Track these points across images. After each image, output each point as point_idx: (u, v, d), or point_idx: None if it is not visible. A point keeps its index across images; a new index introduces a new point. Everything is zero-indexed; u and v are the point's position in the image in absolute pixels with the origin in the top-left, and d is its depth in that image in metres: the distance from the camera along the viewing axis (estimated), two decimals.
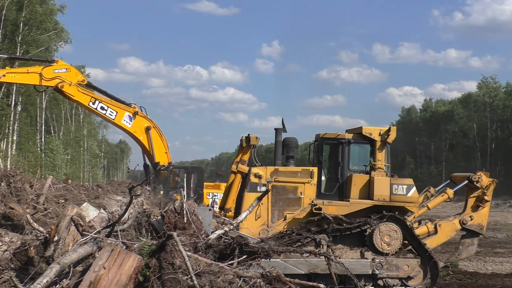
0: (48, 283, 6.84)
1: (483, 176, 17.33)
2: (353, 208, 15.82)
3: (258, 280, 8.07)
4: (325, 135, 17.25)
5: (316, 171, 16.65)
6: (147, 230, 10.30)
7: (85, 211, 10.41)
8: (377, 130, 16.74)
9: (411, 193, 16.00)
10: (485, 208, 17.28)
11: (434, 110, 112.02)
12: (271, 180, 16.18)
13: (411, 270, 14.73)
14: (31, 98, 65.31)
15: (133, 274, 6.84)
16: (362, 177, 16.30)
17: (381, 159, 16.50)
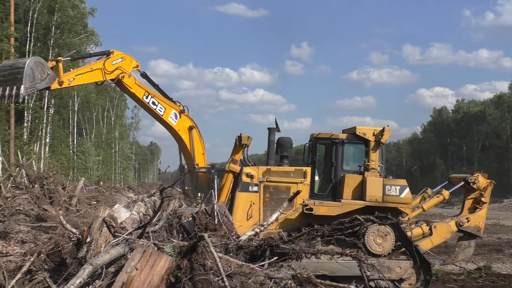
0: (81, 283, 6.90)
1: (480, 177, 17.04)
2: (344, 208, 15.55)
3: (289, 281, 8.04)
4: (319, 135, 17.04)
5: (309, 171, 16.44)
6: (178, 231, 10.33)
7: (117, 212, 10.52)
8: (371, 130, 16.50)
9: (404, 194, 15.71)
10: (483, 210, 16.96)
11: (466, 111, 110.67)
12: (263, 180, 15.98)
13: (403, 272, 14.39)
14: (63, 101, 66.14)
15: (165, 275, 6.87)
16: (355, 178, 16.06)
17: (375, 160, 16.27)
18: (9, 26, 45.56)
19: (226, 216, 9.82)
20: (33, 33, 51.97)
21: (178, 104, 20.47)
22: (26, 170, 26.75)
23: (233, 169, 16.34)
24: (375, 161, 16.24)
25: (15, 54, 47.38)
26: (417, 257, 14.46)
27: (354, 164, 16.71)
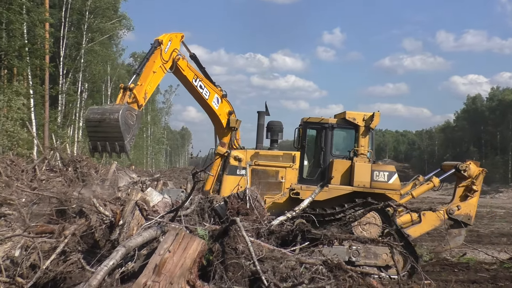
0: (114, 265, 6.96)
1: (472, 165, 16.80)
2: (332, 193, 15.37)
3: (320, 267, 8.02)
4: (309, 119, 16.90)
5: (298, 155, 16.38)
6: (210, 215, 10.37)
7: (149, 196, 10.56)
8: (361, 115, 16.35)
9: (393, 180, 15.59)
10: (474, 198, 16.81)
11: (501, 99, 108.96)
12: (251, 164, 16.01)
13: (390, 259, 14.16)
14: (97, 85, 66.69)
15: (197, 258, 6.90)
16: (343, 163, 15.90)
17: (364, 145, 16.12)
18: (44, 12, 45.93)
19: (258, 201, 9.82)
20: (67, 18, 52.42)
21: (219, 89, 20.50)
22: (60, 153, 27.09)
23: (221, 151, 16.36)
24: (365, 146, 16.11)
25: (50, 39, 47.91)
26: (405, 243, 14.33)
27: (343, 149, 16.60)
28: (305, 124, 16.78)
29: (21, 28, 42.38)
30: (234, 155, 15.90)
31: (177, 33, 19.05)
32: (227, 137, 17.24)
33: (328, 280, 7.80)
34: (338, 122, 16.39)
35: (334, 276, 8.03)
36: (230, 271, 7.40)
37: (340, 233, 9.64)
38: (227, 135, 17.41)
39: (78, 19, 54.29)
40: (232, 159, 15.84)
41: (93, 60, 57.19)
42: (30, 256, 8.71)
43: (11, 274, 8.25)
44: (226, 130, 17.50)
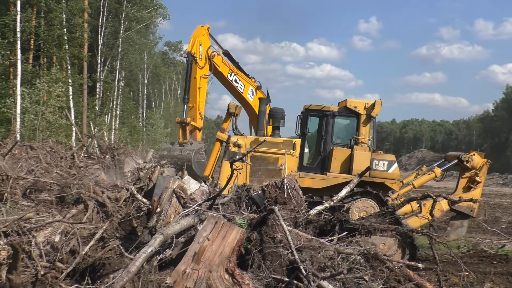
0: (152, 252, 6.98)
1: (475, 156, 16.50)
2: (330, 182, 15.44)
3: (358, 257, 7.96)
4: (311, 107, 16.88)
5: (298, 143, 16.39)
6: (247, 204, 10.36)
7: (187, 184, 10.60)
8: (362, 103, 16.24)
9: (392, 170, 15.54)
10: (477, 190, 16.56)
11: None
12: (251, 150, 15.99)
13: (387, 249, 13.97)
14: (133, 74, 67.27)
15: (236, 247, 6.88)
16: (343, 151, 15.91)
17: (365, 133, 16.07)
18: (83, 1, 46.41)
19: (295, 190, 9.77)
20: (105, 7, 52.90)
21: (253, 80, 20.51)
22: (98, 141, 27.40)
23: (220, 137, 16.38)
24: (365, 135, 16.07)
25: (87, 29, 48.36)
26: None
27: (344, 137, 16.59)
28: (307, 111, 16.82)
29: (60, 17, 42.86)
30: (233, 141, 15.92)
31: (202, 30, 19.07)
32: (227, 122, 17.24)
33: (366, 271, 7.72)
34: (339, 110, 16.43)
35: (370, 266, 7.96)
36: (268, 260, 7.38)
37: (378, 223, 9.53)
38: (227, 121, 17.43)
39: (116, 8, 54.74)
40: (231, 145, 15.84)
41: (130, 49, 57.72)
42: (69, 242, 8.81)
43: (51, 259, 8.35)
44: (227, 116, 17.41)
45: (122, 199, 12.30)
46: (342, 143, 16.41)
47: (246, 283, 6.70)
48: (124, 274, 6.49)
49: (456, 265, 12.45)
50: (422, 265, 13.19)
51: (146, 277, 6.87)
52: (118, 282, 6.39)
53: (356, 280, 7.53)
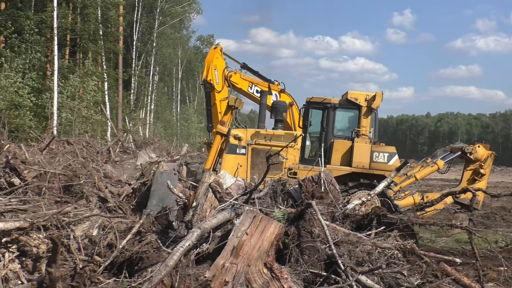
0: (189, 246, 6.99)
1: (480, 148, 16.22)
2: None
3: (396, 251, 7.89)
4: (312, 99, 16.84)
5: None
6: (283, 198, 10.34)
7: (223, 178, 10.61)
8: (363, 95, 16.14)
9: (393, 162, 15.41)
10: (482, 182, 16.42)
11: None
12: (251, 143, 15.99)
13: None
14: (167, 69, 67.65)
15: (275, 241, 6.87)
16: (344, 143, 15.84)
17: (366, 126, 15.98)
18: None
19: (332, 184, 9.71)
20: (140, 2, 53.28)
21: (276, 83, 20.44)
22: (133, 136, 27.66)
23: (220, 130, 16.33)
24: (366, 127, 15.99)
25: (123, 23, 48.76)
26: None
27: (345, 130, 16.62)
28: (308, 104, 16.82)
29: (95, 12, 43.28)
30: (234, 134, 15.94)
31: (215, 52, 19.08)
32: (227, 115, 17.19)
33: (404, 265, 7.65)
34: (340, 102, 16.41)
35: (407, 261, 7.88)
36: (306, 254, 7.35)
37: (417, 217, 9.42)
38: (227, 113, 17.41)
39: (150, 3, 55.11)
40: (232, 137, 15.89)
41: (164, 44, 58.08)
42: (107, 236, 8.89)
43: (89, 253, 8.43)
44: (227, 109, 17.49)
45: (123, 194, 12.42)
46: (343, 136, 16.40)
47: (285, 277, 6.67)
48: (162, 268, 6.51)
49: (494, 260, 12.27)
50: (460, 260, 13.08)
51: (184, 271, 6.88)
52: (156, 275, 6.42)
53: (393, 275, 7.46)
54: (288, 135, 16.44)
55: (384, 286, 7.21)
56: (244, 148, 15.98)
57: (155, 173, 13.00)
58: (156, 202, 12.07)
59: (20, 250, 8.02)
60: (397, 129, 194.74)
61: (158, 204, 11.87)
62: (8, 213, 9.68)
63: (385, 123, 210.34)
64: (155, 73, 60.02)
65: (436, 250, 12.81)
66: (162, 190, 12.24)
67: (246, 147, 15.99)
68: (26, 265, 7.96)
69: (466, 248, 13.13)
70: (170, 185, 11.05)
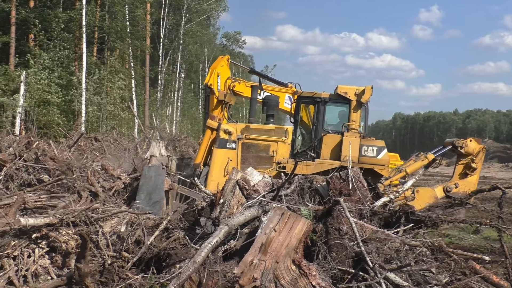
0: (217, 243, 7.02)
1: (472, 142, 16.11)
2: (318, 168, 15.26)
3: (424, 249, 7.83)
4: (302, 94, 16.87)
5: (290, 130, 16.33)
6: (310, 195, 10.32)
7: (250, 175, 10.62)
8: (353, 90, 16.09)
9: (382, 155, 15.36)
10: (474, 176, 16.24)
11: None
12: (242, 137, 15.97)
13: None
14: (194, 66, 67.84)
15: (303, 238, 6.87)
16: (333, 138, 15.79)
17: (355, 120, 15.93)
18: None
19: (360, 182, 9.68)
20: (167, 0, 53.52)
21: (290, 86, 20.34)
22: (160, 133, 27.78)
23: (210, 124, 16.33)
24: (356, 121, 15.94)
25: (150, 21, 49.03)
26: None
27: (335, 124, 16.54)
28: (299, 98, 16.85)
29: (123, 10, 43.57)
30: (224, 128, 15.92)
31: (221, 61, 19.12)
32: (217, 110, 17.22)
33: (432, 263, 7.59)
34: (330, 97, 16.36)
35: (435, 258, 7.82)
36: (334, 252, 7.33)
37: (445, 215, 9.35)
38: (217, 108, 17.40)
39: (177, 1, 55.33)
40: (222, 132, 15.89)
41: (190, 41, 58.27)
42: (135, 232, 8.93)
43: (117, 249, 8.48)
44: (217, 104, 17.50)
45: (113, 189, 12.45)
46: (333, 130, 16.38)
47: (313, 274, 6.67)
48: (190, 264, 6.53)
49: None
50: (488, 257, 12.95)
51: (212, 267, 6.90)
52: (185, 272, 6.44)
53: (422, 272, 7.41)
54: (278, 129, 16.52)
55: (413, 284, 7.16)
56: (234, 142, 16.03)
57: (143, 168, 13.07)
58: (144, 196, 12.18)
59: (50, 246, 8.10)
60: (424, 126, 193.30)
61: (146, 198, 11.99)
62: (38, 209, 9.79)
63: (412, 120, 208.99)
64: (181, 70, 60.25)
65: (464, 248, 12.70)
66: (150, 184, 12.34)
67: (237, 141, 16.05)
68: (56, 260, 8.03)
69: (495, 245, 12.99)
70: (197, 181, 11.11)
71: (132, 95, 45.90)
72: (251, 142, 16.22)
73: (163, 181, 12.59)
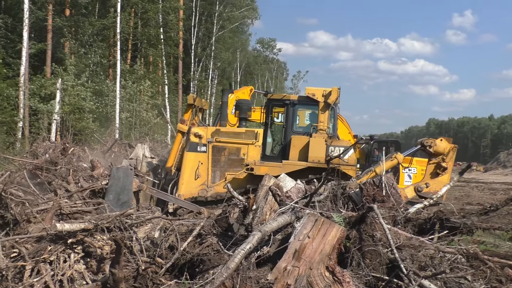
0: (250, 249, 7.03)
1: (442, 141, 16.06)
2: (285, 169, 15.01)
3: (459, 256, 7.75)
4: (272, 96, 16.83)
5: (261, 132, 16.37)
6: (343, 202, 10.29)
7: (283, 181, 10.62)
8: (320, 91, 15.96)
9: (348, 156, 15.24)
10: (444, 176, 16.03)
11: None
12: (212, 141, 16.02)
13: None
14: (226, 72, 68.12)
15: (336, 244, 6.84)
16: (301, 139, 15.70)
17: (323, 121, 15.82)
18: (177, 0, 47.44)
19: (394, 188, 9.63)
20: (198, 7, 53.86)
21: None
22: None
23: (181, 128, 16.55)
24: (324, 122, 15.85)
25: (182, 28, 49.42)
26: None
27: (305, 126, 16.64)
28: (269, 101, 16.84)
29: (155, 17, 43.97)
30: (194, 132, 16.03)
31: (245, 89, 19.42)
32: (188, 113, 17.31)
33: (467, 271, 7.50)
34: (299, 99, 16.40)
35: (471, 266, 7.73)
36: (368, 258, 7.30)
37: (480, 222, 9.24)
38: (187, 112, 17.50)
39: (209, 9, 55.70)
40: (192, 135, 16.00)
41: (222, 48, 58.54)
42: (168, 238, 8.99)
43: (151, 254, 8.55)
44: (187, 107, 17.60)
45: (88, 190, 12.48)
46: (302, 132, 16.42)
47: (347, 280, 6.63)
48: (224, 270, 6.55)
49: None
50: None
51: (245, 273, 6.90)
52: (218, 278, 6.46)
53: (457, 280, 7.32)
54: (248, 132, 16.64)
55: None
56: (204, 146, 16.17)
57: (112, 169, 13.15)
58: (113, 196, 12.27)
59: (85, 251, 8.20)
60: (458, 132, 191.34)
61: (115, 199, 12.06)
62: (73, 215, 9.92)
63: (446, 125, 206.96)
64: (214, 77, 60.58)
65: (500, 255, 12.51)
66: (119, 185, 12.42)
67: (207, 144, 16.16)
68: (91, 265, 8.12)
69: None
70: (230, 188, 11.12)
71: (165, 101, 46.25)
72: (222, 145, 16.36)
73: (132, 182, 12.72)
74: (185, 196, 15.40)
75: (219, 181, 16.15)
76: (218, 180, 16.20)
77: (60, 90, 31.41)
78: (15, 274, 7.66)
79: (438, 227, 8.89)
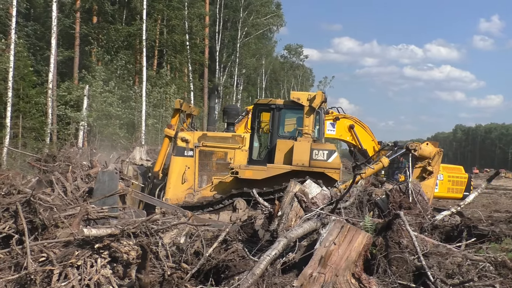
0: (276, 255, 7.02)
1: (428, 145, 16.17)
2: (270, 172, 15.38)
3: (487, 264, 7.66)
4: (259, 101, 17.13)
5: (247, 137, 16.46)
6: (369, 208, 10.25)
7: (308, 188, 10.59)
8: (305, 95, 16.12)
9: (332, 159, 15.33)
10: (430, 180, 16.18)
11: None
12: (199, 145, 16.14)
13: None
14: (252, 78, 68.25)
15: (363, 251, 6.82)
16: (286, 143, 15.77)
17: (308, 125, 15.86)
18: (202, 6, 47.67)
19: (420, 195, 9.56)
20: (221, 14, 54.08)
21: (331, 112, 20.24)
22: None
23: (168, 133, 16.72)
24: (309, 126, 15.89)
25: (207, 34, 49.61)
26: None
27: (290, 130, 16.67)
28: (256, 106, 17.01)
29: (180, 24, 44.23)
30: (181, 137, 16.15)
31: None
32: (175, 118, 17.47)
33: (495, 279, 7.41)
34: (285, 103, 16.47)
35: (499, 274, 7.63)
36: (394, 265, 7.25)
37: (509, 229, 9.14)
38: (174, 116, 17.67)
39: (234, 16, 55.90)
40: (179, 140, 16.12)
41: (247, 54, 58.70)
42: (194, 243, 9.00)
43: (177, 260, 8.56)
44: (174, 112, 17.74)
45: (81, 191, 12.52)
46: (287, 136, 16.47)
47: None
48: (249, 276, 6.55)
49: None
50: None
51: (270, 279, 6.90)
52: (243, 284, 6.46)
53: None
54: (235, 137, 16.75)
55: None
56: (191, 150, 16.29)
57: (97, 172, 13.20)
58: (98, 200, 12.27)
59: (112, 256, 8.23)
60: (485, 138, 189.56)
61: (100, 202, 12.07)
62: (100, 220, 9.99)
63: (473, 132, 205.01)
64: (239, 83, 60.74)
65: None
66: (105, 189, 12.44)
67: (194, 149, 16.28)
68: (117, 270, 8.15)
69: None
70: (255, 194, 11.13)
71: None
72: (208, 149, 16.48)
73: (117, 185, 12.74)
74: (172, 200, 15.54)
75: (206, 186, 16.33)
76: (205, 184, 16.37)
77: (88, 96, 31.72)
78: (43, 278, 7.72)
79: (466, 235, 8.82)
